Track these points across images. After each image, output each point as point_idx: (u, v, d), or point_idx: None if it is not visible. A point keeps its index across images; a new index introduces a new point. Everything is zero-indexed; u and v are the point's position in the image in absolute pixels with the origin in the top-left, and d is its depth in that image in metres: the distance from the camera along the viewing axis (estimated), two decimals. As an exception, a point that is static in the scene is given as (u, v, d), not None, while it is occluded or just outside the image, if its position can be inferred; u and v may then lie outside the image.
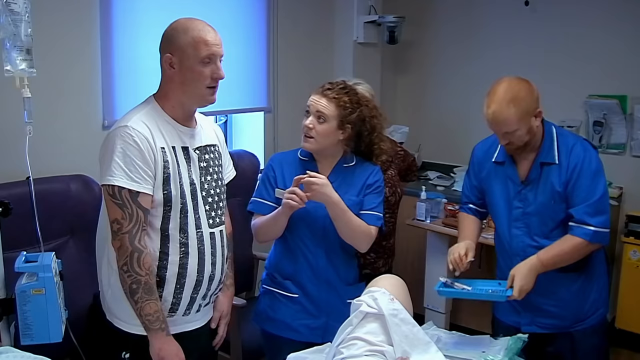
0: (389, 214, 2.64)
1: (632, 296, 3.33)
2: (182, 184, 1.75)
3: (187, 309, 1.82)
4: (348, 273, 2.13)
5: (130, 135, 1.66)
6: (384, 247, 2.67)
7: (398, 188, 2.70)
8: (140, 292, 1.67)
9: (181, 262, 1.76)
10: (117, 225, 1.66)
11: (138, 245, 1.67)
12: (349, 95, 2.04)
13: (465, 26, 4.16)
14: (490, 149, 2.18)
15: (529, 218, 2.08)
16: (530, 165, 2.07)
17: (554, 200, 2.03)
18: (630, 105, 3.54)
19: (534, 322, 2.14)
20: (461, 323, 3.64)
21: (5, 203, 1.76)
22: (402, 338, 1.61)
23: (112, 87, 2.72)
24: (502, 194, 2.14)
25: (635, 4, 3.47)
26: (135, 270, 1.66)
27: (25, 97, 1.72)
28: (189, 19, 1.76)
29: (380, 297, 1.66)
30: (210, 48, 1.71)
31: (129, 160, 1.65)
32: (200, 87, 1.74)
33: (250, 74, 3.44)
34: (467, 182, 2.31)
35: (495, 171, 2.16)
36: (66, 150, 2.54)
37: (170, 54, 1.72)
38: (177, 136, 1.77)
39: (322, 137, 2.01)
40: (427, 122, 4.30)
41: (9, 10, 1.62)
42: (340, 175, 2.07)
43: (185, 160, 1.77)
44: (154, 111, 1.76)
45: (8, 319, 1.79)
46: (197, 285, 1.80)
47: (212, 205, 1.85)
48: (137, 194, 1.66)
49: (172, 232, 1.74)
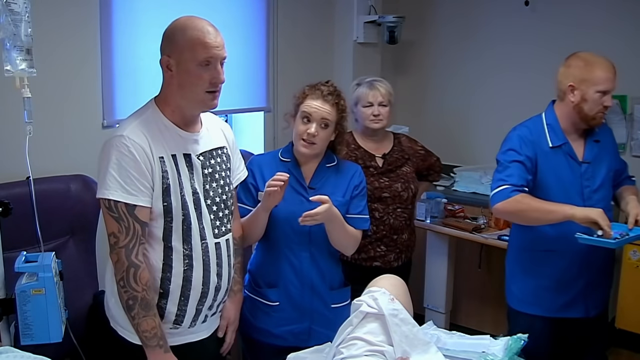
0: (400, 209, 2.66)
1: (632, 296, 3.33)
2: (183, 194, 1.68)
3: (193, 320, 1.77)
4: (333, 277, 2.10)
5: (126, 145, 1.59)
6: (395, 241, 2.65)
7: (412, 184, 2.70)
8: (136, 307, 1.62)
9: (185, 275, 1.70)
10: (113, 238, 1.61)
11: (134, 260, 1.61)
12: (342, 98, 2.06)
13: (465, 26, 4.15)
14: (540, 138, 2.21)
15: (597, 194, 2.22)
16: (584, 145, 2.24)
17: (612, 173, 2.28)
18: (630, 105, 3.53)
19: (588, 306, 2.28)
20: (461, 323, 3.64)
21: (5, 203, 1.76)
22: (402, 338, 1.61)
23: (112, 87, 2.72)
24: (568, 176, 2.21)
25: (635, 4, 3.47)
26: (131, 285, 1.60)
27: (25, 97, 1.71)
28: (189, 17, 1.67)
29: (381, 297, 1.66)
30: (209, 50, 1.62)
31: (124, 172, 1.59)
32: (198, 92, 1.65)
33: (250, 74, 3.44)
34: (520, 167, 2.17)
35: (554, 156, 2.20)
36: (66, 150, 2.53)
37: (168, 55, 1.64)
38: (178, 143, 1.70)
39: (322, 142, 2.01)
40: (427, 122, 4.30)
41: (9, 10, 1.62)
42: (324, 176, 2.06)
43: (187, 168, 1.70)
44: (153, 117, 1.69)
45: (8, 319, 1.79)
46: (203, 297, 1.75)
47: (218, 213, 1.78)
48: (134, 207, 1.60)
49: (174, 243, 1.68)
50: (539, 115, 2.30)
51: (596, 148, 2.25)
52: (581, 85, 2.15)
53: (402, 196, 2.66)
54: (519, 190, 2.13)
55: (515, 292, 2.35)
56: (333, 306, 2.06)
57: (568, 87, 2.18)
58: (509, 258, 2.42)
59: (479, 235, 3.21)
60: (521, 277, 2.32)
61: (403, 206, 2.68)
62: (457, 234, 3.32)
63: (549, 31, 3.71)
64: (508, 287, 2.40)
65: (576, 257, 2.21)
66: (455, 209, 3.47)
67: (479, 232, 3.22)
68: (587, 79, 2.15)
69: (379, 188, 2.60)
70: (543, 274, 2.25)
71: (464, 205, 3.51)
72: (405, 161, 2.71)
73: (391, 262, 2.64)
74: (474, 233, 3.23)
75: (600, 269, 2.29)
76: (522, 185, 2.15)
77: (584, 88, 2.15)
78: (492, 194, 2.20)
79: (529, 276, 2.29)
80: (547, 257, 2.24)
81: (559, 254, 2.22)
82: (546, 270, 2.25)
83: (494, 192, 2.18)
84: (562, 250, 2.21)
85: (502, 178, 2.18)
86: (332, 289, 2.08)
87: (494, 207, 2.19)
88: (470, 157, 4.05)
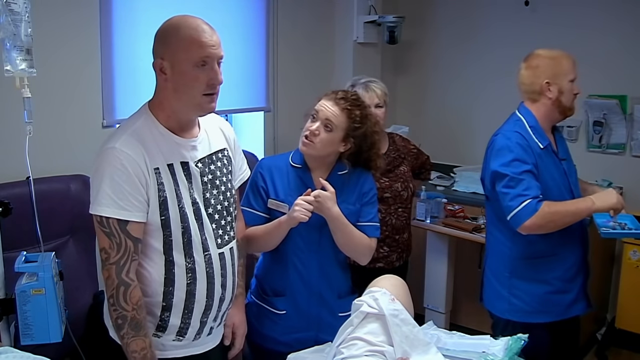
0: (401, 209, 2.66)
1: (632, 296, 3.33)
2: (182, 205, 1.59)
3: (198, 333, 1.70)
4: (340, 285, 2.06)
5: (119, 158, 1.50)
6: (397, 240, 2.66)
7: (410, 183, 2.70)
8: (125, 327, 1.54)
9: (189, 289, 1.62)
10: (104, 254, 1.54)
11: (125, 278, 1.53)
12: (361, 109, 1.96)
13: (465, 26, 4.16)
14: (531, 142, 2.17)
15: (576, 188, 2.25)
16: (555, 142, 2.26)
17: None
18: (630, 105, 3.54)
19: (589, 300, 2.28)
20: (461, 323, 3.64)
21: (5, 203, 1.76)
22: (402, 338, 1.61)
23: (112, 87, 2.72)
24: (559, 175, 2.21)
25: (635, 4, 3.47)
26: (121, 304, 1.52)
27: (25, 97, 1.70)
28: (182, 16, 1.58)
29: (381, 298, 1.66)
30: (205, 50, 1.52)
31: (117, 187, 1.50)
32: (195, 95, 1.55)
33: (250, 74, 3.43)
34: (532, 177, 2.09)
35: (545, 157, 2.19)
36: (66, 150, 2.53)
37: (161, 58, 1.55)
38: (175, 151, 1.60)
39: (323, 145, 1.93)
40: (427, 122, 4.30)
41: (9, 10, 1.62)
42: (337, 184, 1.98)
43: (185, 177, 1.61)
44: (147, 124, 1.59)
45: (8, 319, 1.79)
46: (207, 309, 1.68)
47: (220, 222, 1.69)
48: (126, 222, 1.52)
49: (176, 257, 1.60)
50: (518, 118, 2.23)
51: (564, 143, 2.32)
52: (556, 80, 2.18)
53: (403, 195, 2.66)
54: (541, 201, 2.04)
55: (517, 304, 2.21)
56: (340, 315, 1.98)
57: (544, 84, 2.17)
58: (497, 268, 2.29)
59: (479, 235, 3.20)
60: (524, 287, 2.20)
61: (403, 206, 2.68)
62: (457, 234, 3.32)
63: (549, 32, 3.71)
64: (504, 299, 2.25)
65: (576, 254, 2.22)
66: (455, 209, 3.47)
67: (479, 232, 3.22)
68: (559, 72, 2.18)
69: (380, 189, 2.60)
70: (548, 279, 2.19)
71: (464, 205, 3.51)
72: (402, 160, 2.71)
73: (393, 263, 2.65)
74: (474, 233, 3.23)
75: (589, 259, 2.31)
76: (540, 195, 2.06)
77: (558, 81, 2.17)
78: (514, 212, 2.05)
79: (533, 284, 2.19)
80: (548, 262, 2.18)
81: (560, 257, 2.19)
82: (551, 275, 2.19)
83: (518, 210, 2.04)
84: (562, 252, 2.19)
85: (521, 193, 2.05)
86: (340, 297, 2.03)
87: (522, 225, 2.04)
88: (470, 157, 4.05)
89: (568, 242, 2.18)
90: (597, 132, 3.65)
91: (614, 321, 3.43)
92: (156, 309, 1.62)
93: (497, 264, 2.29)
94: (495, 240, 2.30)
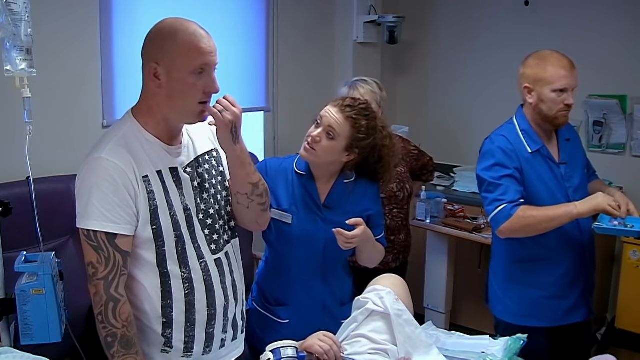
0: (397, 209, 2.66)
1: (632, 296, 3.32)
2: (173, 213, 1.53)
3: (207, 346, 1.62)
4: (343, 293, 2.04)
5: (106, 169, 1.44)
6: (393, 241, 2.64)
7: (407, 184, 2.69)
8: (116, 345, 1.46)
9: (187, 299, 1.56)
10: (92, 269, 1.47)
11: (114, 294, 1.46)
12: (368, 119, 1.88)
13: (465, 26, 4.16)
14: (519, 145, 2.14)
15: (578, 193, 2.16)
16: (557, 146, 2.20)
17: (585, 170, 2.28)
18: (630, 105, 3.54)
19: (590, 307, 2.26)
20: (461, 323, 3.64)
21: (5, 203, 1.76)
22: (405, 339, 1.62)
23: (112, 87, 2.72)
24: (552, 180, 2.15)
25: (635, 5, 3.47)
26: (110, 322, 1.45)
27: (25, 97, 1.70)
28: (177, 19, 1.51)
29: (387, 297, 1.66)
30: (204, 57, 1.46)
31: (105, 199, 1.44)
32: (190, 103, 1.49)
33: (250, 74, 3.43)
34: (512, 181, 2.08)
35: (535, 161, 2.14)
36: (66, 150, 2.53)
37: (155, 63, 1.47)
38: (163, 157, 1.54)
39: (324, 153, 1.86)
40: (427, 122, 4.30)
41: (9, 10, 1.62)
42: (342, 193, 1.95)
43: (175, 184, 1.55)
44: (132, 131, 1.52)
45: (8, 319, 1.79)
46: (211, 319, 1.61)
47: (213, 226, 1.62)
48: (115, 235, 1.45)
49: (171, 268, 1.53)
50: (511, 122, 2.22)
51: (569, 147, 2.22)
52: (536, 86, 2.09)
53: (398, 196, 2.65)
54: (518, 205, 2.04)
55: (512, 306, 2.22)
56: (343, 322, 1.93)
57: (524, 88, 2.13)
58: (496, 270, 2.30)
59: (479, 235, 3.21)
60: (517, 290, 2.21)
61: (399, 207, 2.67)
62: (457, 234, 3.33)
63: (549, 32, 3.71)
64: (500, 301, 2.27)
65: (573, 260, 2.17)
66: (455, 209, 3.47)
67: (479, 232, 3.23)
68: (541, 79, 2.08)
69: None
70: (542, 284, 2.17)
71: (464, 205, 3.51)
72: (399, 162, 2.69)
73: (389, 264, 2.63)
74: (474, 233, 3.23)
75: (594, 264, 2.26)
76: (518, 199, 2.06)
77: (538, 89, 2.09)
78: (491, 217, 2.09)
79: (526, 288, 2.19)
80: (542, 266, 2.17)
81: (554, 262, 2.16)
82: (545, 279, 2.16)
83: (494, 215, 2.07)
84: (556, 257, 2.16)
85: (497, 198, 2.07)
86: (343, 305, 2.01)
87: (498, 230, 2.08)
88: (471, 157, 4.02)
89: (562, 247, 2.14)
90: (597, 132, 3.65)
91: (614, 321, 3.43)
92: (157, 326, 1.56)
93: (495, 266, 2.31)
94: (494, 242, 2.32)
